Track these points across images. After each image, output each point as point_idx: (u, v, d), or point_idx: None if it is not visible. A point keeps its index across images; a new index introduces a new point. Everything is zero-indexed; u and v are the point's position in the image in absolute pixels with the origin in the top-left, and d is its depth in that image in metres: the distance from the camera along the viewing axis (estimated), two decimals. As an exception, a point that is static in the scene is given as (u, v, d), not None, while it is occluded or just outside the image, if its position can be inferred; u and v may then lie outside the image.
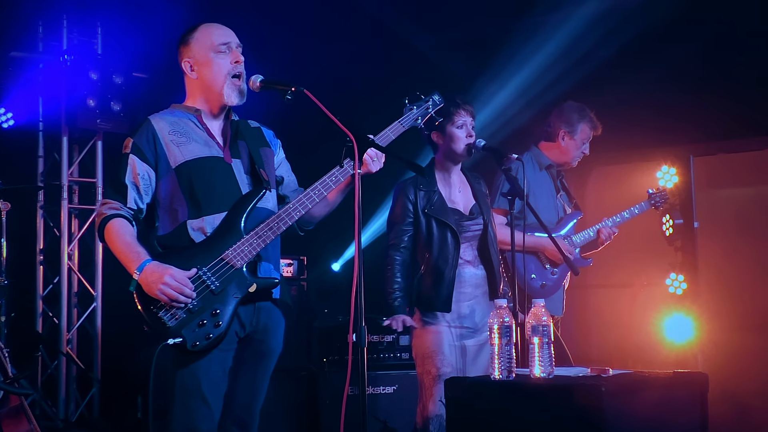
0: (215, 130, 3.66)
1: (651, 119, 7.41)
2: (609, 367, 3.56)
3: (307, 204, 3.56)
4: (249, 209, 3.51)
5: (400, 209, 4.61)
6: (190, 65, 3.63)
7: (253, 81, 3.55)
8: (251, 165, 3.65)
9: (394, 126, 3.80)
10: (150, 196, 3.55)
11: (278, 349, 3.70)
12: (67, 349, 7.13)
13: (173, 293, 3.32)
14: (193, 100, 3.67)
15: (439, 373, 4.44)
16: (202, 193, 3.51)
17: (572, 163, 5.58)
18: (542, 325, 3.45)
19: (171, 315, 3.35)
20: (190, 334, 3.36)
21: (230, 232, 3.47)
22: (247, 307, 3.53)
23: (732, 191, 7.94)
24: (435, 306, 4.51)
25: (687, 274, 7.04)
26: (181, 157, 3.53)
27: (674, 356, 7.00)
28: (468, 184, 4.76)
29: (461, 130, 4.61)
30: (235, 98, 3.61)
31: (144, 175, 3.52)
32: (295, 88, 3.41)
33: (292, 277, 6.85)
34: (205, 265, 3.42)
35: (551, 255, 5.26)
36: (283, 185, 3.85)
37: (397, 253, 4.58)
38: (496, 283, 4.63)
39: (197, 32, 3.65)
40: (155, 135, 3.54)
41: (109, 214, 3.48)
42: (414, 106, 3.91)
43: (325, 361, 6.23)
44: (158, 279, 3.32)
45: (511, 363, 3.47)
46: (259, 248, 3.48)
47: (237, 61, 3.61)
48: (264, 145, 3.77)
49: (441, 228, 4.55)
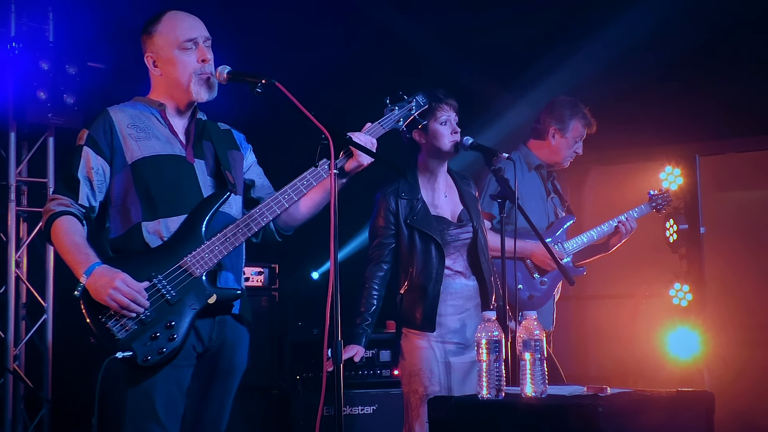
0: (179, 128, 3.65)
1: (654, 115, 7.46)
2: (607, 386, 3.56)
3: (276, 209, 3.55)
4: (211, 213, 3.50)
5: (381, 221, 4.62)
6: (153, 60, 3.63)
7: (219, 72, 3.54)
8: (216, 166, 3.64)
9: (374, 128, 3.79)
10: (104, 194, 3.53)
11: (242, 366, 3.69)
12: (14, 365, 7.08)
13: (124, 300, 3.29)
14: (157, 94, 3.67)
15: (426, 392, 4.44)
16: (159, 192, 3.49)
17: (563, 164, 5.59)
18: (534, 340, 3.47)
19: (121, 326, 3.32)
20: (142, 348, 3.33)
21: (190, 237, 3.45)
22: (206, 320, 3.51)
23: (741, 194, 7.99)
24: (418, 325, 4.52)
25: (692, 284, 7.07)
26: (138, 153, 3.51)
27: (678, 373, 7.03)
28: (455, 187, 4.76)
29: (445, 126, 4.61)
30: (204, 94, 3.61)
31: (98, 169, 3.50)
32: (266, 80, 3.39)
33: (263, 287, 6.83)
34: (161, 273, 3.39)
35: (539, 262, 5.28)
36: (255, 188, 3.85)
37: (377, 270, 4.59)
38: (488, 295, 4.63)
39: (161, 24, 3.62)
40: (113, 127, 3.52)
41: (57, 211, 3.45)
42: (396, 106, 3.90)
43: (299, 379, 6.23)
44: (108, 283, 3.29)
45: (500, 381, 3.47)
46: (221, 256, 3.47)
47: (204, 60, 3.59)
48: (233, 148, 3.77)
49: (424, 240, 4.55)
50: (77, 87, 7.08)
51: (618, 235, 5.58)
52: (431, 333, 4.52)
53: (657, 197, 5.87)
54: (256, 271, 6.81)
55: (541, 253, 5.23)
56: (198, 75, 3.58)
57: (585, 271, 5.57)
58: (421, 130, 4.59)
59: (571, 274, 5.05)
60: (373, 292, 4.56)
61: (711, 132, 7.60)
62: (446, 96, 4.66)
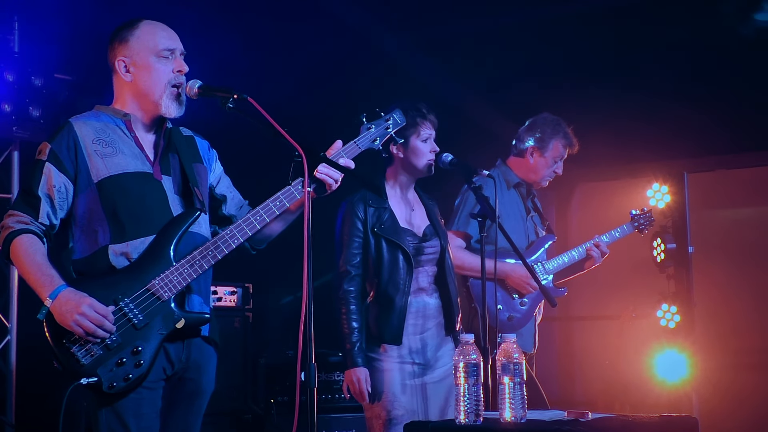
0: (145, 141, 3.63)
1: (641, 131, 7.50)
2: (590, 411, 3.59)
3: (247, 231, 3.55)
4: (180, 234, 3.49)
5: (348, 228, 4.59)
6: (125, 65, 3.60)
7: (190, 87, 3.55)
8: (184, 183, 3.63)
9: (349, 147, 3.77)
10: (65, 211, 3.51)
11: (210, 388, 3.69)
12: (-25, 389, 7.06)
13: (90, 326, 3.28)
14: (122, 104, 3.64)
15: (390, 417, 4.44)
16: (127, 214, 3.47)
17: (542, 183, 5.59)
18: (513, 363, 3.48)
19: (86, 351, 3.32)
20: (107, 374, 3.32)
21: (158, 259, 3.44)
22: (176, 343, 3.51)
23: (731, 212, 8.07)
24: (383, 338, 4.51)
25: (680, 305, 7.08)
26: (105, 171, 3.49)
27: (666, 397, 7.03)
28: (422, 204, 4.79)
29: (426, 144, 4.64)
30: (174, 110, 3.60)
31: (60, 187, 3.47)
32: (238, 95, 3.40)
33: (236, 307, 6.82)
34: (128, 296, 3.38)
35: (515, 284, 5.28)
36: (227, 204, 3.84)
37: (351, 284, 4.56)
38: (453, 314, 4.65)
39: (139, 30, 3.62)
40: (77, 142, 3.50)
41: (16, 228, 3.42)
42: (372, 124, 3.87)
43: (273, 402, 6.23)
44: (74, 308, 3.28)
45: (478, 406, 3.49)
46: (190, 279, 3.46)
47: (180, 71, 3.60)
48: (197, 161, 3.75)
49: (392, 249, 4.55)
50: (43, 99, 7.05)
51: (591, 259, 5.62)
52: (394, 353, 4.51)
53: (639, 217, 5.90)
54: (229, 291, 6.80)
55: (518, 276, 5.24)
56: (171, 87, 3.58)
57: (566, 292, 5.58)
58: (401, 144, 4.60)
59: (553, 294, 5.06)
60: (352, 309, 4.52)
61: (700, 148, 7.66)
62: (429, 112, 4.68)
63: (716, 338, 7.51)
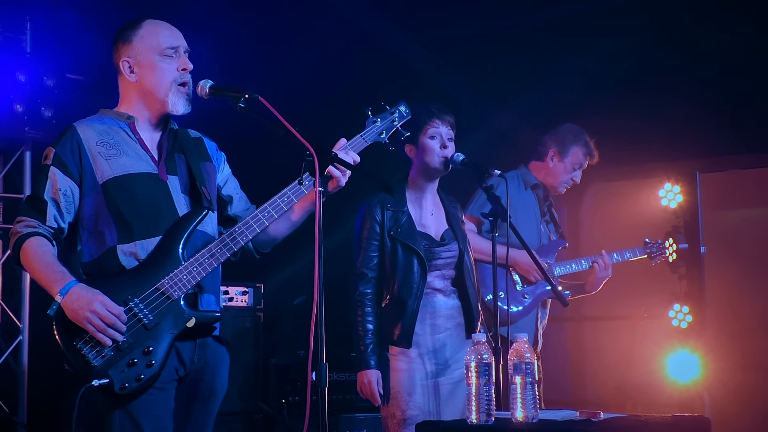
0: (150, 142, 3.64)
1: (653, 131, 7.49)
2: (602, 411, 3.59)
3: (255, 228, 3.55)
4: (188, 233, 3.49)
5: (366, 232, 4.62)
6: (129, 65, 3.61)
7: (201, 87, 3.54)
8: (190, 182, 3.64)
9: (356, 141, 3.76)
10: (72, 215, 3.52)
11: (223, 389, 3.70)
12: (-12, 389, 7.08)
13: (102, 324, 3.28)
14: (128, 106, 3.65)
15: (404, 417, 4.45)
16: (134, 214, 3.48)
17: (559, 189, 5.74)
18: (525, 363, 3.49)
19: (96, 352, 3.31)
20: (118, 375, 3.32)
21: (166, 259, 3.44)
22: (188, 343, 3.51)
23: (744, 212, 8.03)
24: (395, 340, 4.53)
25: (692, 305, 7.07)
26: (109, 173, 3.50)
27: (678, 397, 7.03)
28: (443, 207, 4.78)
29: (434, 140, 4.63)
30: (181, 107, 3.61)
31: (66, 191, 3.49)
32: (249, 95, 3.40)
33: (247, 307, 6.82)
34: (138, 296, 3.38)
35: (523, 271, 5.41)
36: (233, 204, 3.85)
37: (368, 286, 4.58)
38: (473, 316, 4.65)
39: (142, 29, 3.63)
40: (81, 145, 3.51)
41: (25, 233, 3.43)
42: (378, 118, 3.85)
43: (284, 403, 6.24)
44: (86, 305, 3.28)
45: (490, 405, 3.50)
46: (199, 277, 3.46)
47: (184, 69, 3.61)
48: (205, 160, 3.75)
49: (407, 253, 4.56)
50: (55, 100, 7.07)
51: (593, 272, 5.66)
52: (410, 353, 4.52)
53: (652, 246, 6.11)
54: (240, 291, 6.80)
55: (526, 263, 5.35)
56: (177, 85, 3.59)
57: (570, 295, 5.67)
58: (412, 144, 4.61)
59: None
60: (367, 311, 4.55)
61: (712, 148, 7.64)
62: (439, 111, 4.67)
63: (728, 338, 7.48)
